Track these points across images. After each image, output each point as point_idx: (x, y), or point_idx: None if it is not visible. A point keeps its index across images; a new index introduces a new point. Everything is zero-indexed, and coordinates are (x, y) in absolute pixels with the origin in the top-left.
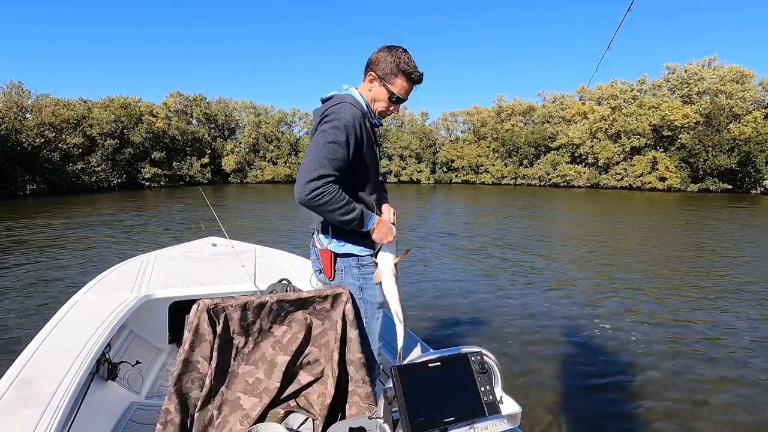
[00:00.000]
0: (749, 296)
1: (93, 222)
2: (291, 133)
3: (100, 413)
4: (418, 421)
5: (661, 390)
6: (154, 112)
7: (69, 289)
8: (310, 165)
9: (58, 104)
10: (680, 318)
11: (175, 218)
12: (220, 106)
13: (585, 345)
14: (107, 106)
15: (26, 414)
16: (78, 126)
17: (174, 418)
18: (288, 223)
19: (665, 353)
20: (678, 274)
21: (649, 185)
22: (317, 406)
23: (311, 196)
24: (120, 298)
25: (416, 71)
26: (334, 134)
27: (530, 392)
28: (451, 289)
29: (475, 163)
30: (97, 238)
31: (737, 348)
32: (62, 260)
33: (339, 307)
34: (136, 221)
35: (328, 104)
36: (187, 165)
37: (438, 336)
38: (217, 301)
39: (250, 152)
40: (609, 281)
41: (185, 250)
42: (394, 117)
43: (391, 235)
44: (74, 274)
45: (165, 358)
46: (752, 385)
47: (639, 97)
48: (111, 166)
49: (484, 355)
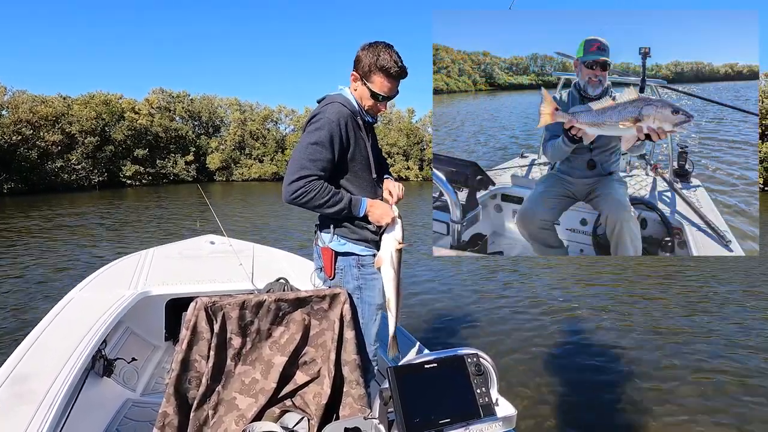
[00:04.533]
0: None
1: (85, 220)
2: (277, 131)
3: (95, 410)
4: (413, 422)
5: (659, 393)
6: (137, 109)
7: (63, 286)
8: (293, 167)
9: (36, 101)
10: (682, 320)
11: (166, 216)
12: (204, 103)
13: (582, 348)
14: (87, 103)
15: (21, 410)
16: (57, 123)
17: (172, 420)
18: (276, 221)
19: (666, 354)
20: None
21: None
22: (313, 405)
23: (294, 196)
24: (117, 294)
25: (395, 66)
26: (317, 135)
27: (526, 395)
28: (447, 290)
29: None
30: (89, 235)
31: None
32: (53, 258)
33: (337, 307)
34: (128, 219)
35: (320, 105)
36: (171, 163)
37: (434, 337)
38: (215, 299)
39: (236, 150)
40: (609, 281)
41: (182, 247)
42: (381, 113)
43: (389, 216)
44: (68, 271)
45: (161, 356)
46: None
47: None
48: (91, 164)
49: (480, 357)
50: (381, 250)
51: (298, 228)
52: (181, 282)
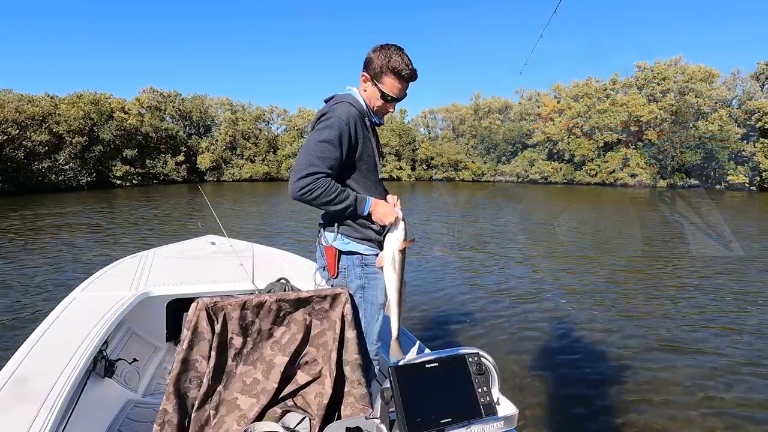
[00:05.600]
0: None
1: (85, 220)
2: (269, 131)
3: (97, 410)
4: (414, 421)
5: (661, 391)
6: (126, 109)
7: (64, 287)
8: (301, 164)
9: (22, 100)
10: (684, 322)
11: (161, 217)
12: (195, 103)
13: (584, 347)
14: (75, 103)
15: (22, 411)
16: (44, 123)
17: (172, 418)
18: (266, 221)
19: (668, 354)
20: (676, 276)
21: (621, 181)
22: (314, 405)
23: (301, 193)
24: (118, 295)
25: (407, 69)
26: (327, 133)
27: (527, 394)
28: (448, 289)
29: (455, 160)
30: (89, 236)
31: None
32: (52, 258)
33: (338, 307)
34: (124, 219)
35: (329, 104)
36: (161, 163)
37: (435, 336)
38: (216, 300)
39: (227, 150)
40: (611, 282)
41: (183, 248)
42: (390, 114)
43: (392, 216)
44: (67, 272)
45: (162, 356)
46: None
47: (611, 94)
48: (80, 164)
49: (481, 356)
50: (383, 250)
51: (296, 227)
52: (182, 283)
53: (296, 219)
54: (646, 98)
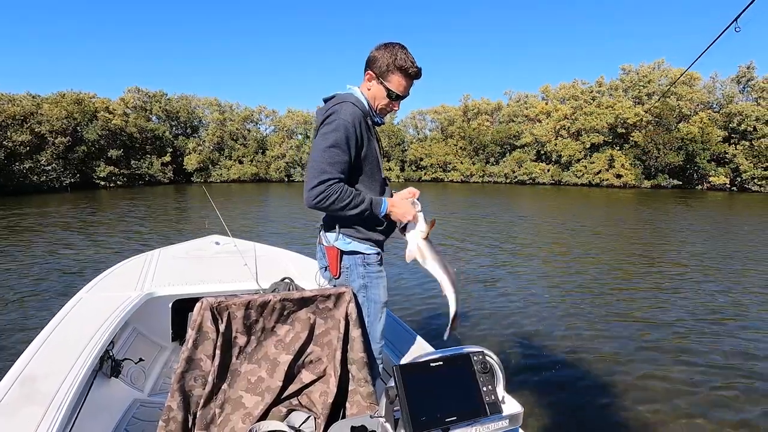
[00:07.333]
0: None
1: (84, 219)
2: (257, 131)
3: (103, 410)
4: (419, 420)
5: (665, 391)
6: (111, 109)
7: (69, 287)
8: (313, 172)
9: (2, 99)
10: (687, 323)
11: (157, 217)
12: (182, 103)
13: (589, 346)
14: (58, 102)
15: (30, 411)
16: (25, 123)
17: (176, 416)
18: (267, 221)
19: (671, 354)
20: (675, 276)
21: (607, 182)
22: (319, 404)
23: (316, 201)
24: (123, 295)
25: (413, 67)
26: (334, 137)
27: (532, 393)
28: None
29: (444, 162)
30: (89, 236)
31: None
32: (61, 258)
33: (342, 306)
34: (115, 220)
35: (330, 104)
36: (147, 164)
37: (440, 335)
38: (221, 300)
39: (215, 151)
40: (613, 281)
41: (188, 248)
42: (394, 112)
43: (410, 213)
44: (75, 272)
45: (168, 356)
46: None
47: (597, 97)
48: (63, 165)
49: (486, 354)
50: (408, 245)
51: (296, 227)
52: (186, 282)
53: (296, 218)
54: (632, 100)
